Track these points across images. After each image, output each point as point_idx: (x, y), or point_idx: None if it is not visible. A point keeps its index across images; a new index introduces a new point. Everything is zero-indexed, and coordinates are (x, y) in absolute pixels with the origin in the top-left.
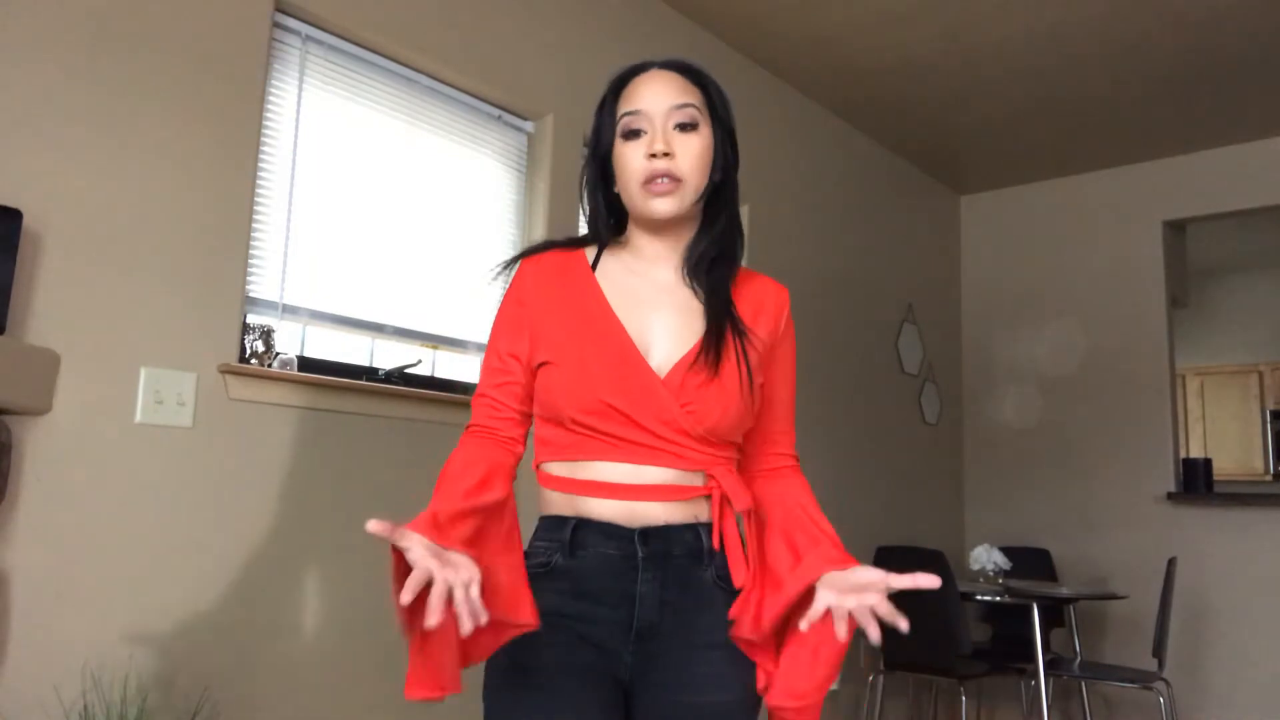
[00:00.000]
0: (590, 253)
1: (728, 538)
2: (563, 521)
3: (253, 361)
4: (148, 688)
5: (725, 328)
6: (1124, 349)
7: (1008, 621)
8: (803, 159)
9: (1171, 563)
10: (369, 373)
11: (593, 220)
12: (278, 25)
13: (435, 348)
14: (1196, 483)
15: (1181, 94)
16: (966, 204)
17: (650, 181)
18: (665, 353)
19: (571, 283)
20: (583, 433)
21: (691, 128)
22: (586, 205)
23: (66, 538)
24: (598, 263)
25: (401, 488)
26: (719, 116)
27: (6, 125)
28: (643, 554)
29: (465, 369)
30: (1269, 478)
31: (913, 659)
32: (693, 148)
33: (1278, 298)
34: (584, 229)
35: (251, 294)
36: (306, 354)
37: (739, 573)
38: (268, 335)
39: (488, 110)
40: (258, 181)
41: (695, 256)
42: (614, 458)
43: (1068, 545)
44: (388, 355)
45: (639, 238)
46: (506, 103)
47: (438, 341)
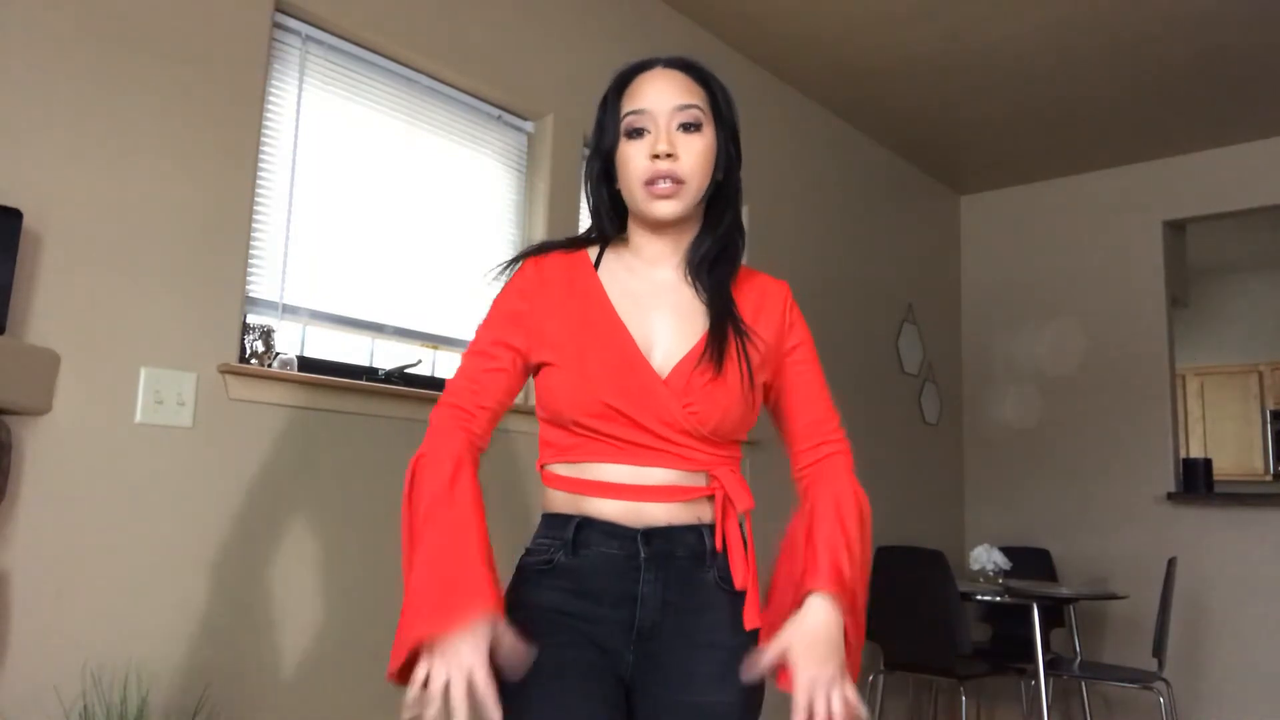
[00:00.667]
0: (592, 252)
1: (730, 539)
2: (566, 520)
3: (253, 361)
4: (148, 688)
5: (727, 328)
6: (1124, 349)
7: (1008, 621)
8: (803, 159)
9: (1171, 563)
10: (369, 373)
11: (596, 216)
12: (278, 25)
13: (435, 348)
14: (1196, 483)
15: (1181, 94)
16: (966, 204)
17: (652, 182)
18: (667, 353)
19: (574, 283)
20: (585, 434)
21: (695, 128)
22: (589, 201)
23: (66, 538)
24: (599, 262)
25: (401, 488)
26: (723, 116)
27: (6, 125)
28: (645, 554)
29: None
30: (1269, 478)
31: (913, 659)
32: (696, 148)
33: (1278, 298)
34: (584, 226)
35: (251, 294)
36: (306, 354)
37: (739, 574)
38: (268, 335)
39: (488, 110)
40: (258, 181)
41: (698, 257)
42: (617, 459)
43: (1068, 545)
44: (388, 355)
45: (640, 237)
46: (506, 103)
47: (438, 341)
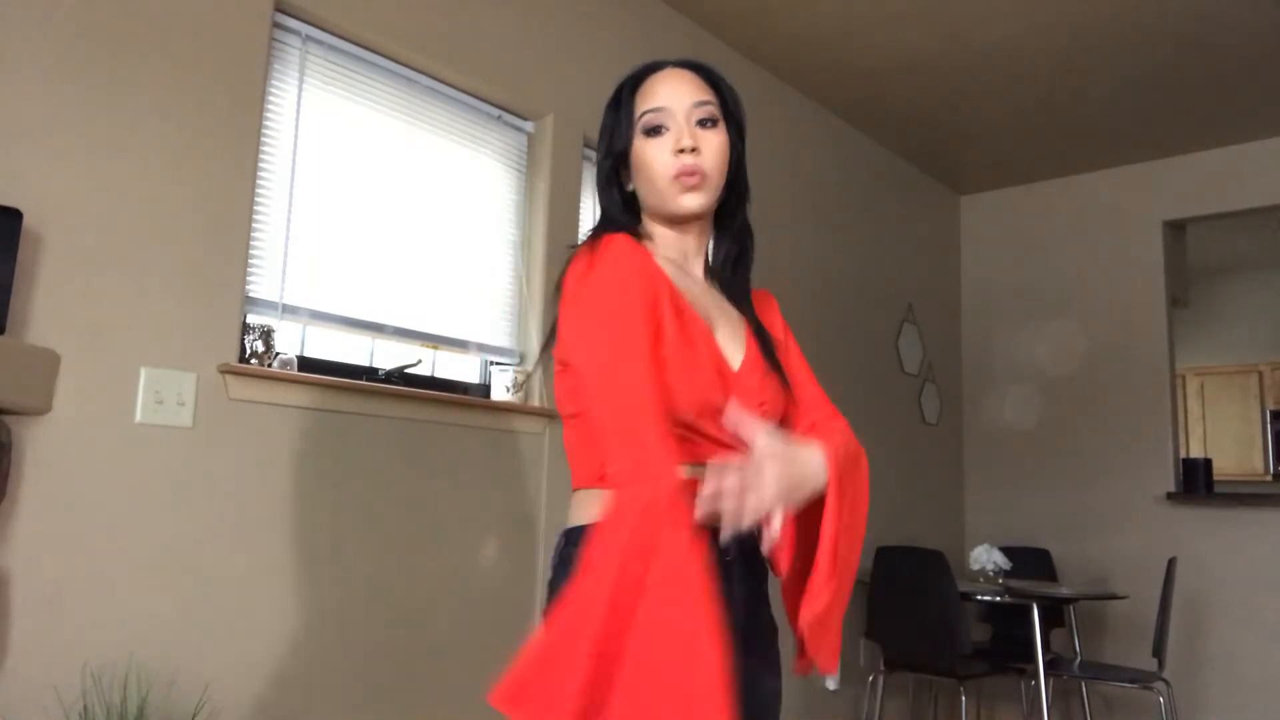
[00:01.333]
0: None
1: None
2: None
3: (253, 361)
4: (148, 688)
5: (764, 328)
6: (1124, 349)
7: (1008, 621)
8: (803, 159)
9: (1171, 563)
10: (369, 373)
11: (607, 220)
12: (278, 25)
13: (435, 348)
14: (1196, 483)
15: (1182, 94)
16: (966, 204)
17: (679, 176)
18: (732, 352)
19: (657, 273)
20: (683, 433)
21: (712, 124)
22: (602, 204)
23: (66, 538)
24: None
25: (401, 488)
26: (732, 116)
27: (6, 125)
28: (733, 554)
29: (465, 369)
30: (1269, 478)
31: (913, 659)
32: (715, 144)
33: (1278, 298)
34: (585, 228)
35: (251, 294)
36: (306, 354)
37: (783, 564)
38: (268, 335)
39: (488, 110)
40: (258, 181)
41: (720, 257)
42: (703, 458)
43: (1068, 545)
44: (388, 355)
45: (661, 236)
46: (506, 103)
47: (438, 341)
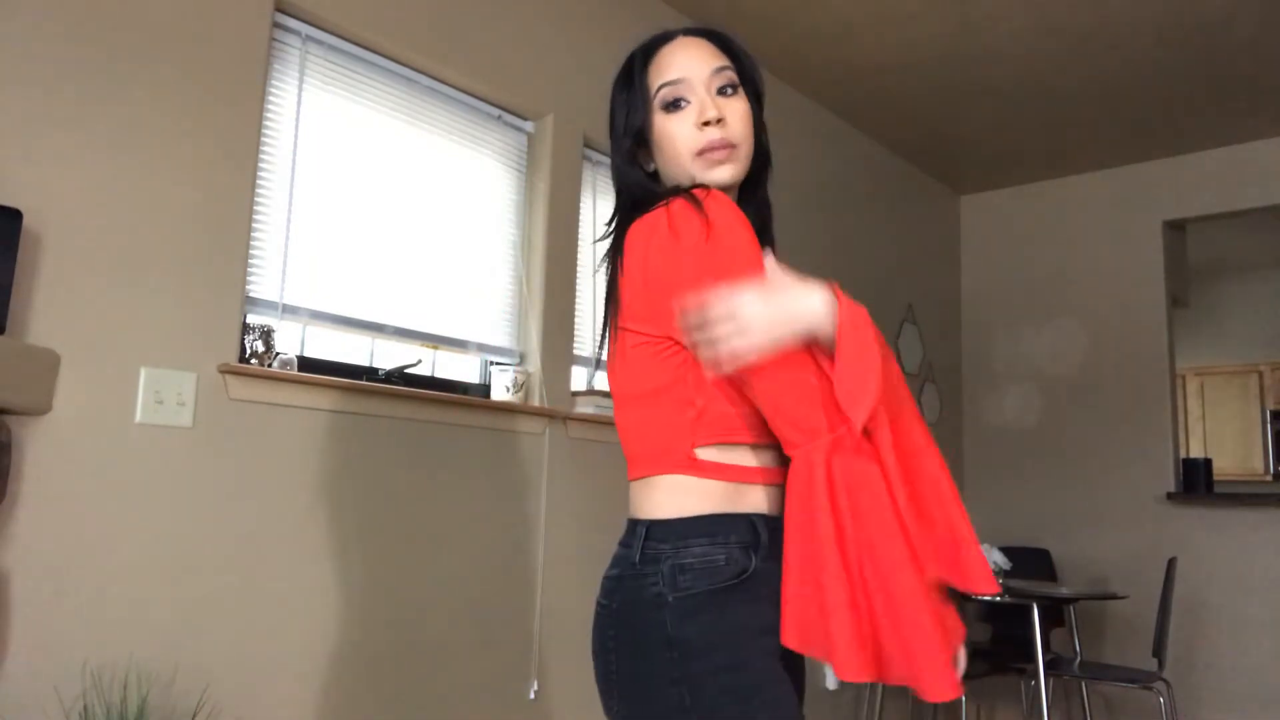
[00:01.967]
0: None
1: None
2: (734, 519)
3: (253, 361)
4: (148, 688)
5: None
6: (1124, 349)
7: (1008, 621)
8: (803, 159)
9: (1171, 563)
10: (369, 373)
11: (634, 202)
12: (278, 25)
13: (435, 348)
14: (1196, 483)
15: (1182, 94)
16: (966, 204)
17: (707, 151)
18: None
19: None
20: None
21: (733, 90)
22: (622, 184)
23: (66, 538)
24: None
25: (401, 488)
26: (750, 81)
27: (6, 126)
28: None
29: (465, 369)
30: (1269, 478)
31: None
32: (739, 110)
33: (1278, 298)
34: (585, 227)
35: (251, 294)
36: (306, 354)
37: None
38: (268, 335)
39: (488, 110)
40: (258, 181)
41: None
42: (771, 439)
43: (1068, 545)
44: (388, 355)
45: None
46: (506, 103)
47: (438, 341)
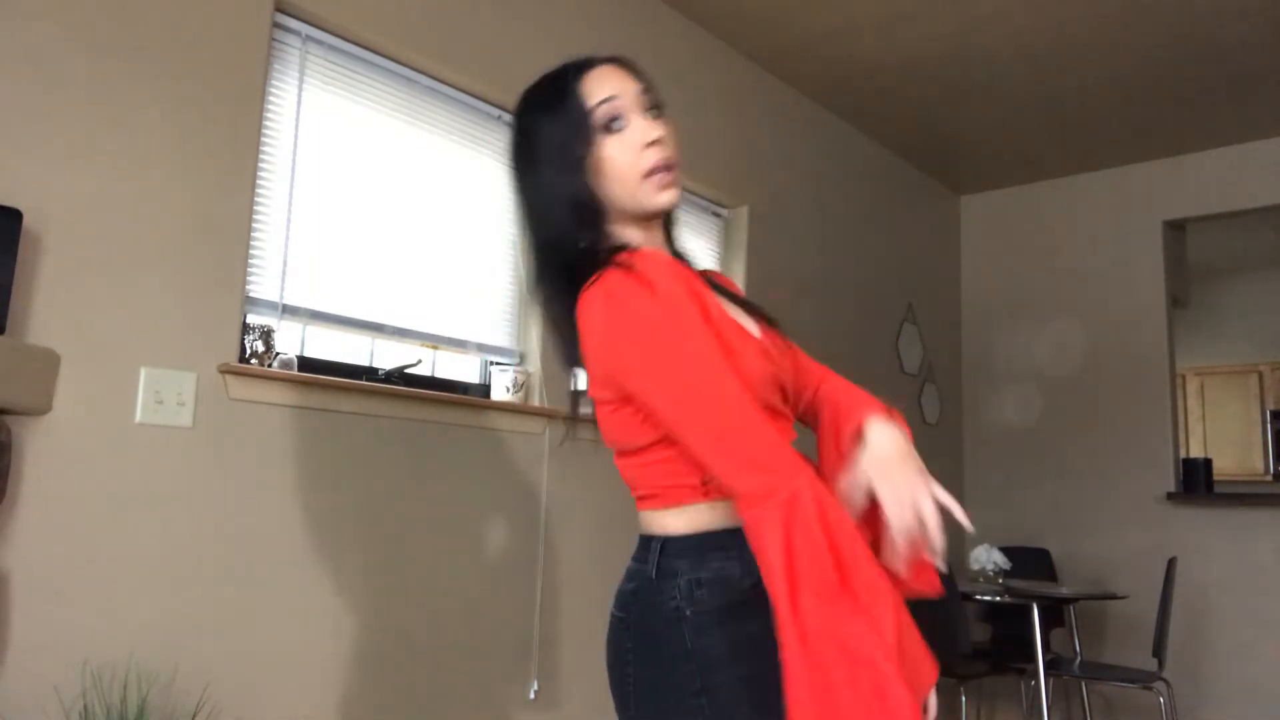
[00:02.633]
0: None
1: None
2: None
3: (253, 361)
4: (148, 688)
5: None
6: (1124, 349)
7: (1008, 621)
8: (803, 159)
9: (1171, 563)
10: (369, 373)
11: (586, 224)
12: (278, 25)
13: (435, 348)
14: (1196, 483)
15: (1181, 94)
16: (966, 204)
17: (653, 173)
18: (751, 329)
19: (687, 271)
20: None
21: (660, 110)
22: (568, 214)
23: (66, 538)
24: None
25: (401, 488)
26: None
27: (6, 125)
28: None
29: (465, 369)
30: (1269, 478)
31: None
32: (669, 130)
33: (1278, 298)
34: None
35: (251, 294)
36: (306, 354)
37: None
38: (268, 335)
39: (488, 110)
40: (258, 181)
41: (679, 249)
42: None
43: (1068, 545)
44: (388, 355)
45: (630, 230)
46: (506, 103)
47: (438, 341)
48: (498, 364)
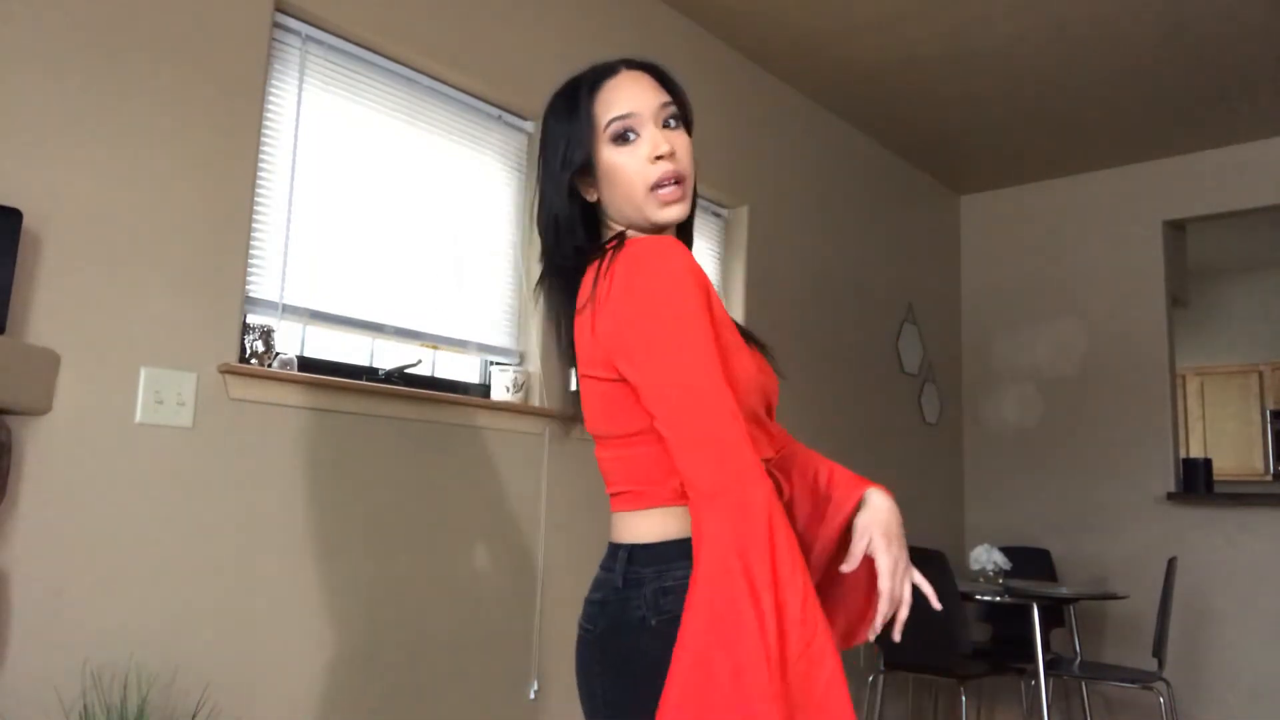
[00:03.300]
0: None
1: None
2: None
3: (253, 361)
4: (148, 688)
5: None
6: (1124, 349)
7: (1008, 621)
8: (803, 159)
9: (1171, 563)
10: (369, 373)
11: (568, 234)
12: (278, 25)
13: (435, 348)
14: (1196, 483)
15: (1182, 94)
16: (966, 204)
17: (659, 186)
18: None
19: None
20: (752, 429)
21: (677, 123)
22: (557, 219)
23: (66, 538)
24: None
25: (401, 488)
26: (686, 116)
27: (6, 125)
28: None
29: (465, 369)
30: (1269, 478)
31: (913, 659)
32: (684, 144)
33: (1278, 298)
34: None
35: (251, 294)
36: (306, 354)
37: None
38: (268, 335)
39: (488, 110)
40: (258, 181)
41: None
42: (763, 450)
43: (1068, 545)
44: (388, 355)
45: None
46: (506, 103)
47: (438, 341)
48: (498, 364)
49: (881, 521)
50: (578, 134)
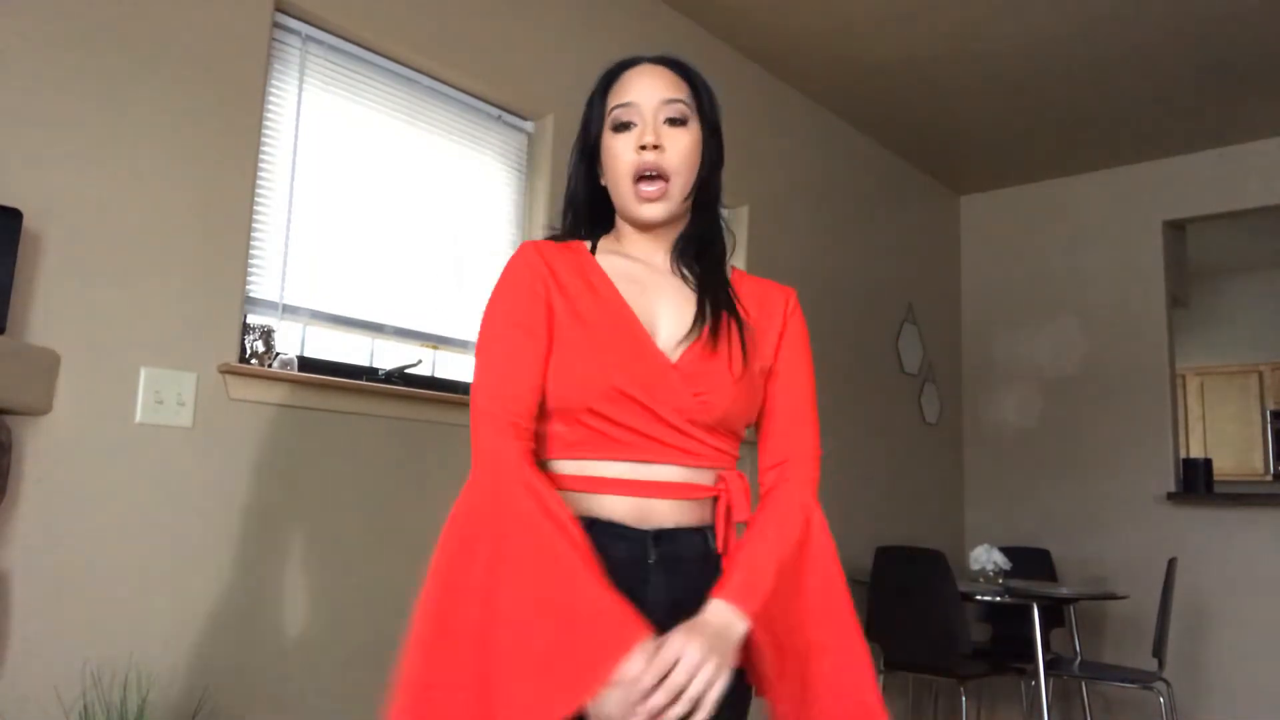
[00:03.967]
0: (587, 244)
1: (731, 547)
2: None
3: (253, 361)
4: (148, 688)
5: (720, 306)
6: (1124, 349)
7: (1008, 621)
8: (803, 159)
9: (1171, 563)
10: (369, 373)
11: (573, 212)
12: (278, 25)
13: (435, 348)
14: (1196, 483)
15: (1181, 94)
16: (966, 204)
17: (640, 178)
18: (669, 337)
19: (576, 267)
20: (595, 427)
21: (681, 123)
22: (570, 194)
23: (66, 538)
24: (595, 250)
25: (401, 487)
26: (706, 114)
27: (6, 125)
28: (654, 557)
29: (465, 369)
30: (1269, 478)
31: (913, 659)
32: (682, 143)
33: (1278, 298)
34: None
35: (251, 294)
36: (306, 354)
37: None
38: (268, 335)
39: (488, 110)
40: (258, 181)
41: (681, 246)
42: (626, 454)
43: (1068, 545)
44: (388, 355)
45: (629, 233)
46: (506, 103)
47: (438, 341)
48: None
49: (691, 626)
50: (594, 116)
